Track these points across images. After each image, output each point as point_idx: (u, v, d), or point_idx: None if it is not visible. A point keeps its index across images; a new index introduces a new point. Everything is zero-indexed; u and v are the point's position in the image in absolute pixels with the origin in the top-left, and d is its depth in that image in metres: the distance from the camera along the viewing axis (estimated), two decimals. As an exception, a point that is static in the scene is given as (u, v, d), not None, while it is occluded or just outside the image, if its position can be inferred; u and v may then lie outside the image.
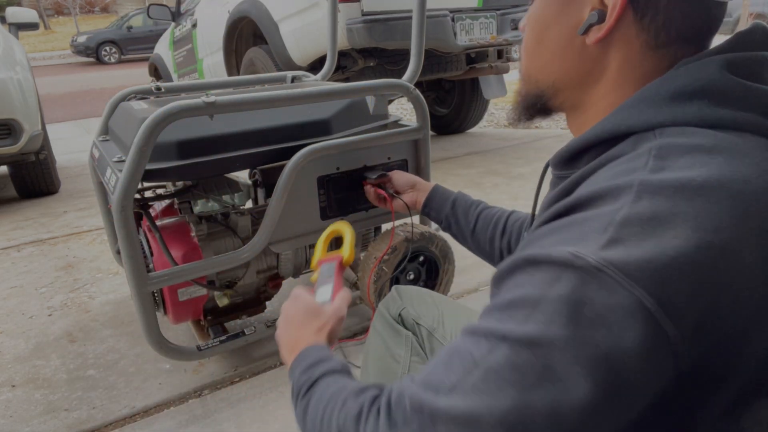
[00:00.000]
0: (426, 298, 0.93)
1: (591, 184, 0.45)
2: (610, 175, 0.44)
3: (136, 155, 1.01)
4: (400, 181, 1.19)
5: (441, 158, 3.30)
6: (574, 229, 0.42)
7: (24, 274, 2.00)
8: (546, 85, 0.57)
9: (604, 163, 0.47)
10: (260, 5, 2.84)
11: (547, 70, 0.56)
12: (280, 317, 0.71)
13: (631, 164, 0.43)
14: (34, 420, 1.22)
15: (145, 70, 5.52)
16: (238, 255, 1.19)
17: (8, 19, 3.12)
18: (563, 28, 0.53)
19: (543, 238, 0.44)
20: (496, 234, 0.95)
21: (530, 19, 0.56)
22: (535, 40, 0.56)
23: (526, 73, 0.59)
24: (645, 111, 0.47)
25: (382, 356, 0.86)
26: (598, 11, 0.49)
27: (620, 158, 0.46)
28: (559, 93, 0.57)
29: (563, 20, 0.52)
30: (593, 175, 0.47)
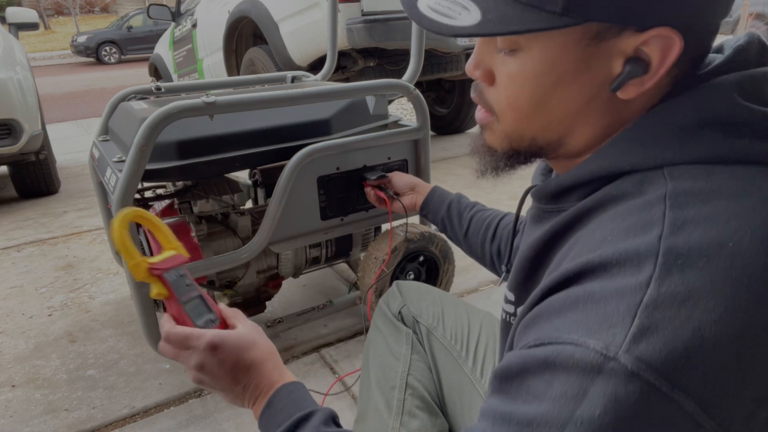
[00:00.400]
0: (426, 295, 0.93)
1: (598, 238, 0.39)
2: (620, 228, 0.38)
3: (136, 155, 1.01)
4: (400, 183, 1.19)
5: (441, 158, 3.30)
6: (592, 309, 0.35)
7: (24, 274, 2.00)
8: (548, 141, 0.49)
9: (604, 203, 0.42)
10: (260, 5, 2.84)
11: (554, 129, 0.48)
12: (203, 377, 0.58)
13: (643, 215, 0.38)
14: (34, 420, 1.22)
15: (145, 70, 5.53)
16: (238, 255, 1.19)
17: (8, 19, 3.12)
18: (583, 86, 0.44)
19: (554, 317, 0.38)
20: (487, 238, 0.95)
21: (518, 77, 0.46)
22: (533, 101, 0.46)
23: (515, 133, 0.50)
24: (650, 147, 0.42)
25: (383, 353, 0.86)
26: (636, 62, 0.41)
27: (625, 201, 0.41)
28: (564, 146, 0.49)
29: (583, 78, 0.43)
30: (592, 218, 0.43)
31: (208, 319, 0.61)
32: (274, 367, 0.59)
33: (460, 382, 0.81)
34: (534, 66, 0.44)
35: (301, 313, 1.46)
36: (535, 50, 0.44)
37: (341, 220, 1.31)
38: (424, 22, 0.45)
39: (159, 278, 0.60)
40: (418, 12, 0.46)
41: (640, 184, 0.41)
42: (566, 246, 0.44)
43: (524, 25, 0.40)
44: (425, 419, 0.76)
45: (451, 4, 0.44)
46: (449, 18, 0.43)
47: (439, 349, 0.85)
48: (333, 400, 1.22)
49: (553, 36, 0.42)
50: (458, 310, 0.89)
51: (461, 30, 0.43)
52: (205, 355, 0.57)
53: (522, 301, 0.51)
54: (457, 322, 0.87)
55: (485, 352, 0.82)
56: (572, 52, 0.42)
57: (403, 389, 0.79)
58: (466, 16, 0.42)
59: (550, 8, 0.40)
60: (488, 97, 0.50)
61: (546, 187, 0.51)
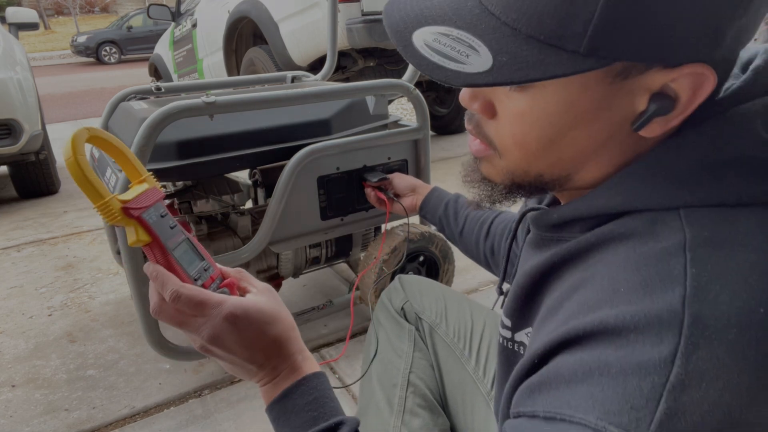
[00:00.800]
0: (429, 291, 0.92)
1: (608, 288, 0.36)
2: (635, 281, 0.34)
3: (136, 155, 1.01)
4: (401, 185, 1.19)
5: (441, 158, 3.30)
6: (609, 385, 0.32)
7: (24, 274, 2.00)
8: (556, 177, 0.45)
9: (610, 240, 0.39)
10: (260, 5, 2.84)
11: (564, 166, 0.43)
12: (213, 348, 0.50)
13: (661, 268, 0.34)
14: (34, 420, 1.22)
15: (145, 70, 5.53)
16: (238, 255, 1.19)
17: (8, 19, 3.12)
18: (602, 125, 0.39)
19: (564, 386, 0.34)
20: (481, 236, 0.95)
21: (528, 115, 0.40)
22: (544, 140, 0.41)
23: (519, 170, 0.45)
24: (666, 187, 0.38)
25: (385, 350, 0.86)
26: (663, 99, 0.37)
27: (635, 242, 0.37)
28: (572, 181, 0.45)
29: (602, 117, 0.39)
30: (597, 255, 0.39)
31: (201, 268, 0.53)
32: (297, 349, 0.52)
33: (463, 380, 0.80)
34: (548, 105, 0.39)
35: (301, 313, 1.46)
36: (550, 89, 0.38)
37: (341, 220, 1.31)
38: (426, 68, 0.39)
39: (137, 220, 0.48)
40: (415, 52, 0.39)
41: (652, 224, 0.37)
42: (567, 282, 0.41)
43: (546, 71, 0.35)
44: (427, 418, 0.76)
45: (454, 43, 0.37)
46: (456, 62, 0.37)
47: (441, 347, 0.85)
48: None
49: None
50: (461, 306, 0.89)
51: (474, 78, 0.37)
52: (223, 327, 0.48)
53: (518, 327, 0.50)
54: (460, 320, 0.86)
55: (488, 351, 0.82)
56: (593, 91, 0.38)
57: (404, 387, 0.79)
58: (475, 60, 0.37)
59: (572, 47, 0.34)
60: (488, 131, 0.45)
61: (547, 216, 0.47)
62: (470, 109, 0.45)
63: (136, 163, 0.53)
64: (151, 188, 0.52)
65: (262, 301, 0.51)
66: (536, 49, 0.35)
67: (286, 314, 0.53)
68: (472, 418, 0.77)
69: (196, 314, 0.48)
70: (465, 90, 0.44)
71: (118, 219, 0.47)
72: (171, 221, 0.52)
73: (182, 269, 0.50)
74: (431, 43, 0.38)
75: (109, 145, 0.51)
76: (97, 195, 0.46)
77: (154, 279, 0.49)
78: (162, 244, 0.50)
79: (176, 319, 0.49)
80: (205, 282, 0.52)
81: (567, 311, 0.38)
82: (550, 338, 0.37)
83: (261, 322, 0.50)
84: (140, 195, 0.50)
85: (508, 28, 0.36)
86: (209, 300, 0.48)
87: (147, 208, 0.49)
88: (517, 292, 0.49)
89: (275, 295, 0.54)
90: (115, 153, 0.52)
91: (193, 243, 0.54)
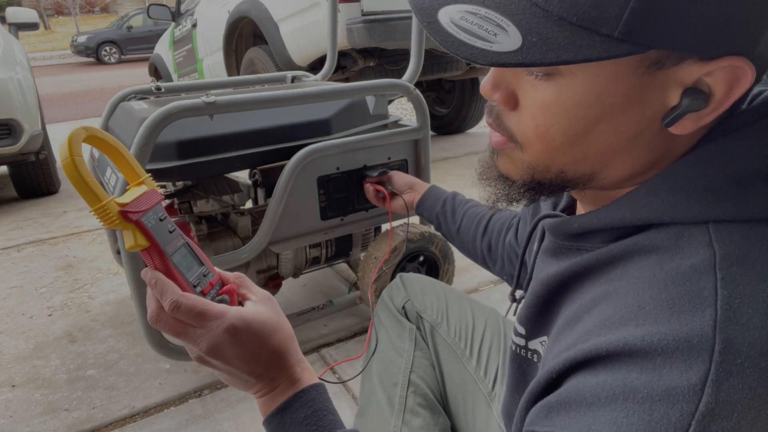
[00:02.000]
0: (430, 289, 0.92)
1: (632, 305, 0.34)
2: (662, 299, 0.33)
3: (136, 155, 1.01)
4: (399, 182, 1.19)
5: (441, 158, 3.30)
6: (634, 411, 0.31)
7: (24, 274, 2.00)
8: (579, 175, 0.42)
9: (634, 253, 0.38)
10: (260, 5, 2.84)
11: (588, 162, 0.41)
12: (211, 360, 0.48)
13: (690, 287, 0.33)
14: (34, 420, 1.22)
15: (145, 70, 5.53)
16: (238, 255, 1.19)
17: (8, 19, 3.12)
18: (632, 119, 0.37)
19: (585, 409, 0.33)
20: (478, 233, 0.95)
21: (554, 106, 0.38)
22: (569, 133, 0.39)
23: (541, 164, 0.43)
24: (695, 199, 0.36)
25: (386, 349, 0.86)
26: (696, 94, 0.35)
27: (661, 257, 0.36)
28: (596, 180, 0.43)
29: (633, 110, 0.37)
30: (620, 268, 0.38)
31: (200, 273, 0.51)
32: (296, 360, 0.51)
33: (464, 380, 0.80)
34: (576, 95, 0.37)
35: (301, 313, 1.46)
36: (579, 77, 0.36)
37: (341, 220, 1.31)
38: (452, 45, 0.36)
39: (136, 224, 0.46)
40: (440, 29, 0.37)
41: (678, 238, 0.36)
42: (587, 294, 0.40)
43: (578, 54, 0.33)
44: (427, 417, 0.76)
45: (482, 22, 0.35)
46: (483, 41, 0.35)
47: (442, 346, 0.85)
48: (333, 400, 1.22)
49: (603, 62, 0.35)
50: (462, 305, 0.88)
51: (501, 58, 0.35)
52: (223, 339, 0.46)
53: (533, 336, 0.49)
54: (461, 319, 0.86)
55: (489, 351, 0.82)
56: (624, 81, 0.36)
57: (405, 386, 0.79)
58: (503, 39, 0.35)
59: (606, 31, 0.33)
60: (509, 123, 0.43)
61: (567, 225, 0.45)
62: (491, 99, 0.43)
63: (134, 165, 0.51)
64: (150, 190, 0.50)
65: (262, 311, 0.50)
66: (568, 31, 0.33)
67: (286, 324, 0.52)
68: (473, 417, 0.77)
69: (195, 325, 0.47)
70: (486, 80, 0.42)
71: (116, 223, 0.45)
72: (170, 225, 0.50)
73: (181, 275, 0.49)
74: (458, 21, 0.37)
75: (106, 146, 0.49)
76: (94, 198, 0.44)
77: (153, 286, 0.47)
78: (161, 249, 0.48)
79: (175, 328, 0.47)
80: (204, 288, 0.51)
81: (587, 325, 0.37)
82: (572, 355, 0.36)
83: (262, 334, 0.48)
84: (139, 198, 0.48)
85: (538, 9, 0.34)
86: (210, 311, 0.47)
87: (146, 212, 0.47)
88: (532, 301, 0.48)
89: (275, 303, 0.53)
90: (112, 154, 0.50)
91: (192, 247, 0.52)
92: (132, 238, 0.47)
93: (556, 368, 0.37)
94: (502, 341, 0.82)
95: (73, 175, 0.43)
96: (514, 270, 0.85)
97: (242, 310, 0.49)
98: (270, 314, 0.50)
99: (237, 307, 0.49)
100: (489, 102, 0.44)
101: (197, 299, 0.47)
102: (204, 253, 0.53)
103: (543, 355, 0.47)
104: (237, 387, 0.51)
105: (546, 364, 0.40)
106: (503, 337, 0.83)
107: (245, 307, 0.50)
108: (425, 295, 0.90)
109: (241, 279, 0.54)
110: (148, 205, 0.48)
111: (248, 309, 0.49)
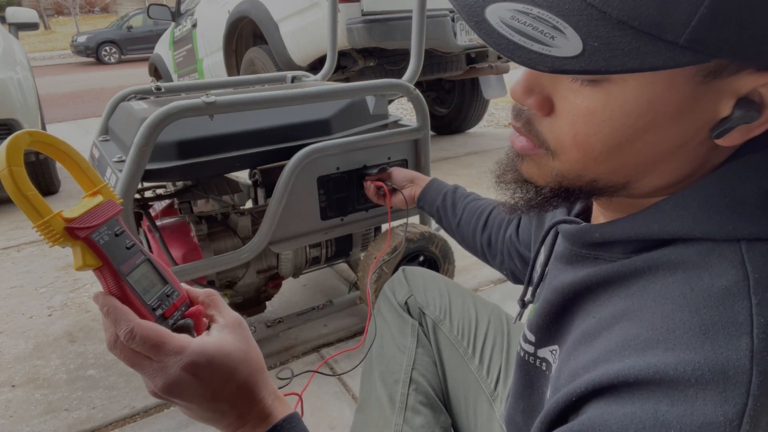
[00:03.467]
0: (433, 284, 0.91)
1: (661, 327, 0.33)
2: (694, 324, 0.32)
3: (136, 155, 1.01)
4: (398, 177, 1.20)
5: (441, 158, 3.30)
6: None
7: (24, 274, 2.00)
8: (612, 184, 0.40)
9: (659, 268, 0.36)
10: (260, 5, 2.84)
11: (625, 173, 0.39)
12: (168, 397, 0.43)
13: (723, 312, 0.31)
14: (34, 420, 1.22)
15: (145, 70, 5.53)
16: (238, 255, 1.19)
17: (8, 19, 3.12)
18: (681, 129, 0.35)
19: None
20: (478, 227, 0.94)
21: (599, 114, 0.36)
22: (611, 143, 0.37)
23: (572, 173, 0.40)
24: (728, 215, 0.35)
25: (387, 344, 0.85)
26: (749, 105, 0.33)
27: (689, 274, 0.34)
28: (628, 190, 0.41)
29: (683, 121, 0.35)
30: (642, 283, 0.36)
31: (162, 294, 0.46)
32: (267, 392, 0.46)
33: (466, 379, 0.80)
34: (626, 104, 0.35)
35: (301, 313, 1.46)
36: (632, 85, 0.34)
37: (341, 220, 1.31)
38: (506, 48, 0.33)
39: (84, 242, 0.41)
40: (491, 30, 0.34)
41: (707, 255, 0.34)
42: (606, 309, 0.38)
43: (644, 62, 0.31)
44: (428, 415, 0.76)
45: (535, 22, 0.33)
46: (540, 44, 0.32)
47: (445, 344, 0.84)
48: (332, 399, 1.22)
49: (661, 70, 0.32)
50: (466, 302, 0.88)
51: (564, 64, 0.32)
52: (180, 377, 0.41)
53: (543, 344, 0.48)
54: (464, 316, 0.85)
55: (492, 351, 0.81)
56: (679, 90, 0.33)
57: (407, 384, 0.78)
58: (561, 42, 0.32)
59: (670, 38, 0.30)
60: (541, 129, 0.40)
61: (588, 234, 0.43)
62: (524, 104, 0.40)
63: (89, 172, 0.45)
64: (106, 201, 0.45)
65: (228, 342, 0.44)
66: (629, 35, 0.31)
67: (255, 354, 0.46)
68: (475, 416, 0.76)
69: (153, 358, 0.41)
70: (519, 83, 0.39)
71: (61, 240, 0.40)
72: (128, 240, 0.45)
73: (138, 298, 0.44)
74: (508, 21, 0.33)
75: (56, 152, 0.44)
76: (35, 213, 0.39)
77: (106, 315, 0.42)
78: (114, 269, 0.43)
79: (130, 359, 0.42)
80: (166, 310, 0.46)
81: (608, 343, 0.35)
82: (595, 378, 0.34)
83: (227, 370, 0.43)
84: (90, 211, 0.43)
85: (595, 10, 0.31)
86: (167, 344, 0.41)
87: (97, 227, 0.42)
88: (545, 308, 0.46)
89: (244, 329, 0.47)
90: (64, 160, 0.45)
91: (156, 264, 0.47)
92: (80, 257, 0.42)
93: (577, 391, 0.35)
94: (505, 340, 0.82)
95: (11, 188, 0.38)
96: (514, 266, 0.85)
97: (205, 343, 0.43)
98: (237, 344, 0.45)
99: (200, 340, 0.44)
100: (516, 105, 0.41)
101: (154, 329, 0.42)
102: (170, 270, 0.48)
103: (556, 367, 0.45)
104: (200, 422, 0.46)
105: (560, 378, 0.39)
106: (506, 336, 0.82)
107: (210, 336, 0.45)
108: (428, 290, 0.90)
109: (211, 298, 0.49)
110: (101, 219, 0.43)
111: (212, 341, 0.44)
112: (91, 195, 0.45)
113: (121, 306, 0.42)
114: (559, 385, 0.39)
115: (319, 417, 1.17)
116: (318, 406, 1.20)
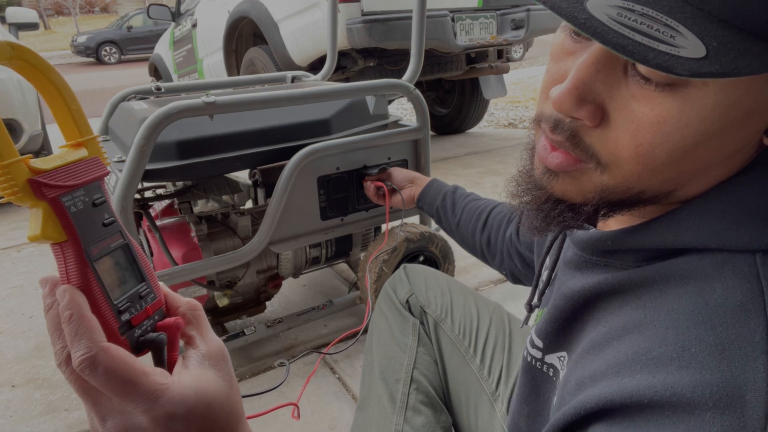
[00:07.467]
0: (434, 283, 0.91)
1: (674, 344, 0.32)
2: (709, 342, 0.30)
3: (136, 155, 1.01)
4: (398, 177, 1.20)
5: (441, 158, 3.30)
6: None
7: (24, 274, 2.00)
8: (656, 194, 0.37)
9: (671, 278, 0.35)
10: (260, 5, 2.84)
11: (678, 180, 0.36)
12: None
13: (739, 330, 0.30)
14: (34, 420, 1.22)
15: (145, 70, 5.52)
16: (238, 255, 1.19)
17: (8, 19, 3.12)
18: (745, 132, 0.33)
19: None
20: (477, 227, 0.94)
21: (672, 121, 0.32)
22: (677, 152, 0.33)
23: (622, 186, 0.37)
24: (744, 226, 0.34)
25: (388, 343, 0.84)
26: None
27: (702, 286, 0.33)
28: (668, 198, 0.38)
29: (749, 123, 0.33)
30: (653, 292, 0.35)
31: (135, 293, 0.35)
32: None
33: (467, 379, 0.80)
34: (704, 110, 0.32)
35: (301, 313, 1.46)
36: (712, 89, 0.31)
37: (341, 220, 1.31)
38: (633, 51, 0.29)
39: (50, 204, 0.31)
40: (606, 29, 0.30)
41: (721, 266, 0.33)
42: (617, 318, 0.37)
43: (764, 62, 0.28)
44: (429, 415, 0.75)
45: (647, 20, 0.29)
46: (666, 44, 0.29)
47: (446, 343, 0.84)
48: (333, 400, 1.22)
49: None
50: (467, 301, 0.87)
51: (700, 66, 0.28)
52: (145, 428, 0.32)
53: (551, 349, 0.48)
54: (465, 316, 0.85)
55: (494, 350, 0.81)
56: (756, 93, 0.31)
57: (408, 383, 0.78)
58: (683, 42, 0.29)
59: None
60: (590, 142, 0.36)
61: (599, 241, 0.41)
62: (575, 115, 0.35)
63: (77, 116, 0.35)
64: (92, 158, 0.34)
65: (210, 383, 0.35)
66: (736, 35, 0.28)
67: (236, 398, 0.39)
68: (476, 417, 0.76)
69: (119, 396, 0.31)
70: (568, 92, 0.34)
71: (19, 196, 0.30)
72: (107, 214, 0.34)
73: (103, 293, 0.34)
74: (619, 18, 0.29)
75: (41, 79, 0.33)
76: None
77: (67, 320, 0.32)
78: (81, 249, 0.33)
79: (81, 387, 0.32)
80: (135, 316, 0.35)
81: (618, 355, 0.34)
82: (605, 394, 0.32)
83: (205, 423, 0.34)
84: (67, 166, 0.32)
85: (692, 7, 0.29)
86: (139, 386, 0.31)
87: (71, 189, 0.32)
88: (554, 315, 0.46)
89: (227, 362, 0.39)
90: (49, 92, 0.34)
91: (135, 252, 0.36)
92: (39, 223, 0.31)
93: (586, 406, 0.33)
94: (507, 340, 0.82)
95: None
96: (514, 266, 0.85)
97: (184, 386, 0.34)
98: (219, 385, 0.36)
99: (179, 383, 0.34)
100: (553, 115, 0.37)
101: (125, 362, 0.31)
102: (150, 266, 0.38)
103: (564, 374, 0.44)
104: None
105: (567, 386, 0.38)
106: (508, 336, 0.82)
107: (189, 374, 0.35)
108: (429, 288, 0.89)
109: (194, 312, 0.39)
110: (80, 180, 0.32)
111: (191, 382, 0.34)
112: (73, 146, 0.35)
113: (89, 316, 0.32)
114: (566, 393, 0.39)
115: (319, 417, 1.17)
116: (318, 406, 1.20)
